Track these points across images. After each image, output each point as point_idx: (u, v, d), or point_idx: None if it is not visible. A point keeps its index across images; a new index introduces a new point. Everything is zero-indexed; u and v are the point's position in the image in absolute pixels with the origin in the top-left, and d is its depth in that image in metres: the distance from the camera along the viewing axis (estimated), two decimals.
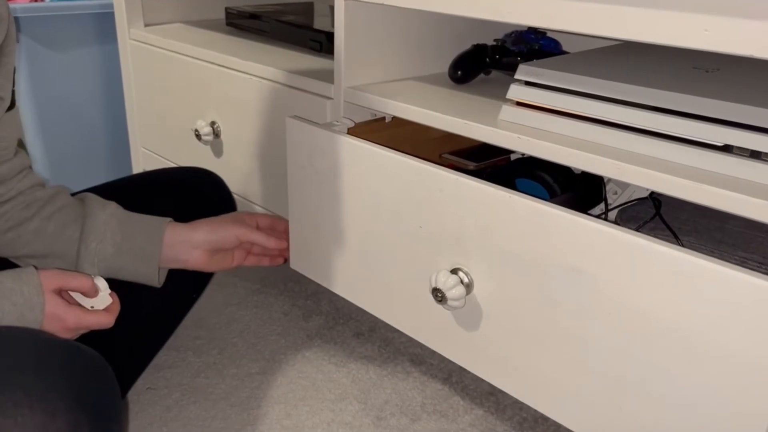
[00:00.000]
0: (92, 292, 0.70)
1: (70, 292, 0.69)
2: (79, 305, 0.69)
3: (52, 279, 0.66)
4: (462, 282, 0.68)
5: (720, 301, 0.52)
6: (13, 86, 0.73)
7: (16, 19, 1.25)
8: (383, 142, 0.76)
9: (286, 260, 0.89)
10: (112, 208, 0.79)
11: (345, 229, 0.80)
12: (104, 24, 1.35)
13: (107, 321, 0.70)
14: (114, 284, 0.73)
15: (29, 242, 0.75)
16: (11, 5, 1.25)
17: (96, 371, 0.57)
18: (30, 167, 0.79)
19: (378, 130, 0.84)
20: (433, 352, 1.03)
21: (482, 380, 0.97)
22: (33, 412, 0.49)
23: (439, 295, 0.67)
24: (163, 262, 0.80)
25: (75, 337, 0.68)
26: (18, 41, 1.27)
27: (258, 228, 0.86)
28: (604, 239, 0.58)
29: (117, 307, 0.72)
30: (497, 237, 0.65)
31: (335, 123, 0.84)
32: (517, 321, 0.66)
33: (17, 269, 0.65)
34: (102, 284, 0.71)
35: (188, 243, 0.79)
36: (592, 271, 0.59)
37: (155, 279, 0.79)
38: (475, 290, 0.69)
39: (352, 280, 0.82)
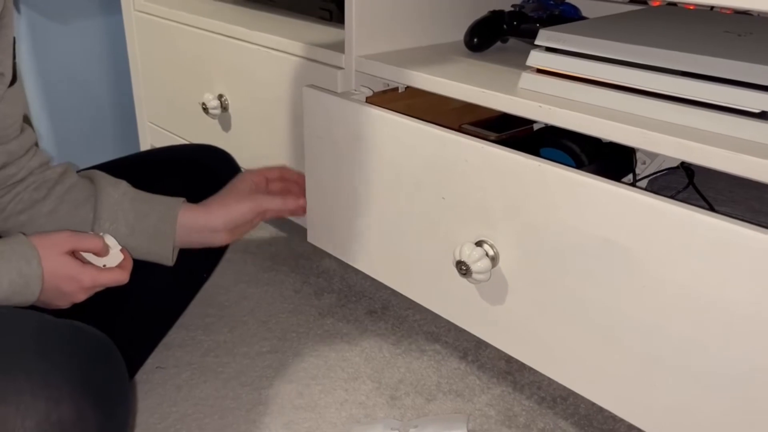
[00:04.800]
0: (104, 251, 0.70)
1: (82, 254, 0.69)
2: (93, 265, 0.69)
3: (64, 241, 0.66)
4: (487, 255, 0.66)
5: (763, 272, 0.49)
6: (14, 59, 0.71)
7: None
8: (402, 112, 0.73)
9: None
10: (124, 187, 0.77)
11: (364, 201, 0.78)
12: None
13: (122, 277, 0.70)
14: None
15: (42, 225, 0.74)
16: None
17: (102, 353, 0.55)
18: (37, 144, 0.77)
19: (395, 99, 0.81)
20: (449, 330, 1.01)
21: (499, 359, 0.94)
22: (35, 398, 0.46)
23: (463, 268, 0.65)
24: (182, 244, 0.79)
25: (90, 294, 0.68)
26: (18, 12, 1.24)
27: (268, 184, 0.85)
28: (640, 209, 0.55)
29: (130, 263, 0.72)
30: (525, 208, 0.62)
31: (353, 92, 0.81)
32: (545, 295, 0.64)
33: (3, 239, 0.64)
34: (112, 242, 0.71)
35: (207, 228, 0.78)
36: (625, 243, 0.56)
37: (169, 258, 0.78)
38: (501, 263, 0.66)
39: (372, 253, 0.80)
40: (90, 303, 0.69)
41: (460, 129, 0.81)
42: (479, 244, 0.67)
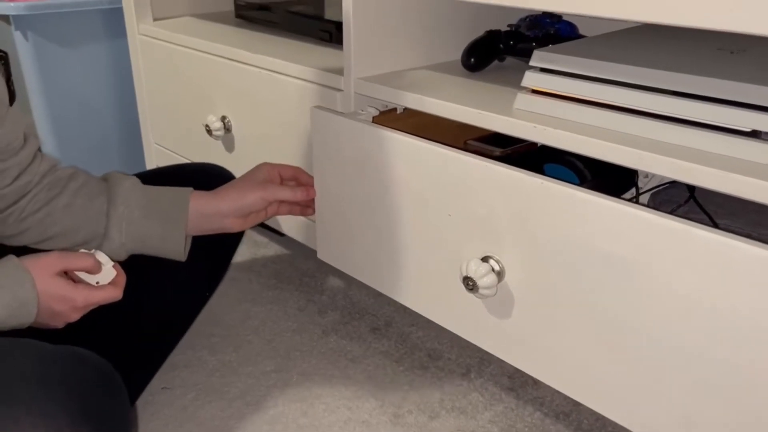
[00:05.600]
0: (96, 269, 0.70)
1: (75, 272, 0.69)
2: (86, 283, 0.70)
3: (54, 262, 0.67)
4: (493, 270, 0.67)
5: (761, 284, 0.50)
6: (10, 80, 0.72)
7: (26, 17, 1.24)
8: (408, 130, 0.75)
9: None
10: (134, 178, 0.80)
11: (372, 218, 0.79)
12: (113, 19, 1.34)
13: (115, 294, 0.70)
14: (126, 286, 0.73)
15: (59, 219, 0.75)
16: (20, 3, 1.25)
17: (102, 380, 0.55)
18: (39, 149, 0.78)
19: (402, 118, 0.82)
20: (451, 347, 1.01)
21: (502, 375, 0.95)
22: (35, 429, 0.47)
23: (470, 283, 0.67)
24: (195, 231, 0.80)
25: (85, 313, 0.69)
26: (26, 38, 1.26)
27: (282, 179, 0.86)
28: (641, 224, 0.56)
29: (123, 279, 0.72)
30: (529, 224, 0.64)
31: (360, 112, 0.83)
32: (551, 308, 0.65)
33: None
34: (104, 258, 0.72)
35: (218, 214, 0.79)
36: (628, 257, 0.57)
37: (181, 245, 0.78)
38: (507, 278, 0.68)
39: (380, 269, 0.81)
40: (93, 324, 0.70)
41: (465, 145, 0.82)
42: (485, 259, 0.68)
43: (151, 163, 1.35)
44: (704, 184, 0.56)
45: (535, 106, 0.70)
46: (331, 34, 1.03)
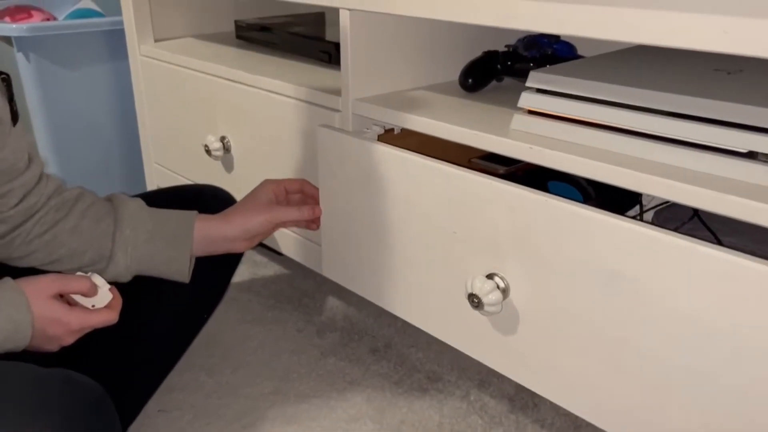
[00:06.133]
0: (92, 292, 0.70)
1: (71, 295, 0.69)
2: (82, 306, 0.69)
3: (50, 285, 0.66)
4: (498, 287, 0.67)
5: (766, 301, 0.50)
6: (11, 104, 0.72)
7: (28, 38, 1.25)
8: (413, 148, 0.75)
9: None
10: (140, 201, 0.80)
11: (378, 236, 0.80)
12: (115, 41, 1.35)
13: (110, 318, 0.70)
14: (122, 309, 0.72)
15: (65, 241, 0.75)
16: (23, 25, 1.26)
17: (94, 405, 0.55)
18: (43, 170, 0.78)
19: (407, 136, 0.83)
20: (451, 369, 1.00)
21: (502, 398, 0.94)
22: None
23: (475, 300, 0.67)
24: (200, 253, 0.80)
25: (80, 336, 0.68)
26: (28, 59, 1.27)
27: (287, 195, 0.87)
28: (645, 242, 0.56)
29: (119, 303, 0.72)
30: (534, 241, 0.64)
31: (366, 130, 0.83)
32: (556, 326, 0.65)
33: None
34: (100, 281, 0.71)
35: (224, 238, 0.80)
36: (633, 275, 0.57)
37: (186, 267, 0.78)
38: (512, 295, 0.68)
39: (385, 286, 0.81)
40: (88, 347, 0.70)
41: (469, 163, 0.82)
42: (490, 276, 0.68)
43: (152, 182, 1.35)
44: (702, 206, 0.55)
45: (532, 127, 0.70)
46: (330, 54, 1.03)
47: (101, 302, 0.71)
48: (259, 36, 1.18)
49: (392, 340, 1.07)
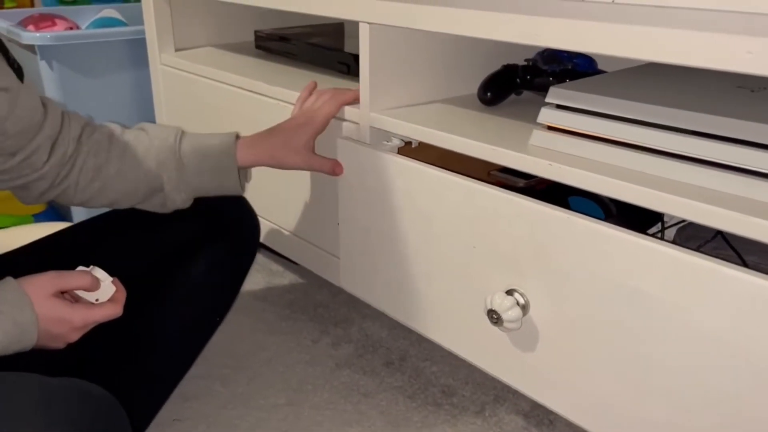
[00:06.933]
0: (93, 286, 0.68)
1: (74, 291, 0.68)
2: (85, 301, 0.68)
3: (49, 283, 0.65)
4: (518, 303, 0.67)
5: None
6: (9, 61, 0.70)
7: (51, 47, 1.27)
8: (433, 161, 0.75)
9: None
10: (176, 132, 0.83)
11: (396, 248, 0.79)
12: (137, 50, 1.36)
13: (114, 311, 0.68)
14: (132, 313, 0.72)
15: (114, 186, 0.78)
16: (46, 33, 1.27)
17: (105, 414, 0.55)
18: (63, 111, 0.78)
19: (428, 148, 0.82)
20: (466, 383, 0.99)
21: (517, 414, 0.93)
22: None
23: (494, 316, 0.66)
24: (248, 164, 0.85)
25: (85, 332, 0.67)
26: (51, 68, 1.29)
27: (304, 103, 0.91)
28: (666, 261, 0.56)
29: (122, 295, 0.70)
30: (555, 258, 0.63)
31: (385, 143, 0.84)
32: (575, 343, 0.64)
33: None
34: (102, 275, 0.69)
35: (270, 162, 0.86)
36: (654, 293, 0.57)
37: (237, 187, 0.84)
38: (531, 312, 0.67)
39: (403, 300, 0.81)
40: (99, 352, 0.69)
41: (488, 175, 0.81)
42: (510, 292, 0.68)
43: None
44: (724, 227, 0.54)
45: (551, 143, 0.69)
46: (349, 66, 1.03)
47: (104, 296, 0.69)
48: (279, 46, 1.19)
49: (407, 352, 1.06)
